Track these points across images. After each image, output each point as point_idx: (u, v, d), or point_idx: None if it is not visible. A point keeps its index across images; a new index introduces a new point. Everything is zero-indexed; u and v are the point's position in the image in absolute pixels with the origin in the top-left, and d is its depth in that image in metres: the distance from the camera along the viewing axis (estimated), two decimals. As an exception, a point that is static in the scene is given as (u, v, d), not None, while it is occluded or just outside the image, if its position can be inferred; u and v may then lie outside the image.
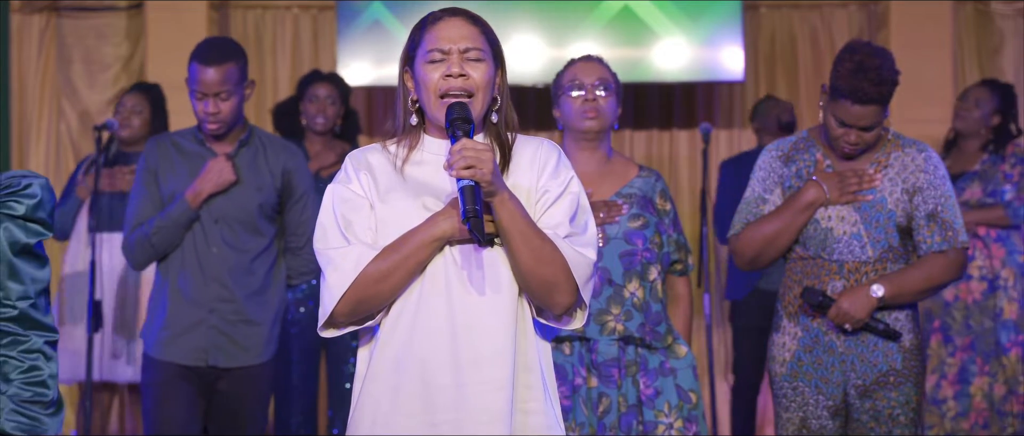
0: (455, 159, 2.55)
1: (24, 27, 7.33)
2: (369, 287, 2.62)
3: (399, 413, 2.63)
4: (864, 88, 3.79)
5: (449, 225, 2.62)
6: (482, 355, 2.61)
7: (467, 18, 2.72)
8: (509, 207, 2.60)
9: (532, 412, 2.66)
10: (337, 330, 2.71)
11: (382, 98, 7.46)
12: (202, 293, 4.28)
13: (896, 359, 3.92)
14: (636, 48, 7.02)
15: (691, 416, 3.93)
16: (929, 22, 7.13)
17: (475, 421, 2.60)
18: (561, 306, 2.66)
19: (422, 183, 2.69)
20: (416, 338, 2.63)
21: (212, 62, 4.22)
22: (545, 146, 2.76)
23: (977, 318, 5.84)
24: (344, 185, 2.72)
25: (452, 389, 2.61)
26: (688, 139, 7.47)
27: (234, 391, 4.32)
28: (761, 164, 4.07)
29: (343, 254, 2.65)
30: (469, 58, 2.68)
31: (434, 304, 2.63)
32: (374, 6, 7.00)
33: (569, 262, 2.63)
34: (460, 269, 2.63)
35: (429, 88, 2.68)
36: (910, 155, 3.96)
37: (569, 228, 2.67)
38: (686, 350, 3.97)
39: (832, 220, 3.94)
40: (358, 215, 2.68)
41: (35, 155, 7.34)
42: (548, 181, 2.71)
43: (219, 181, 4.27)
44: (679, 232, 4.02)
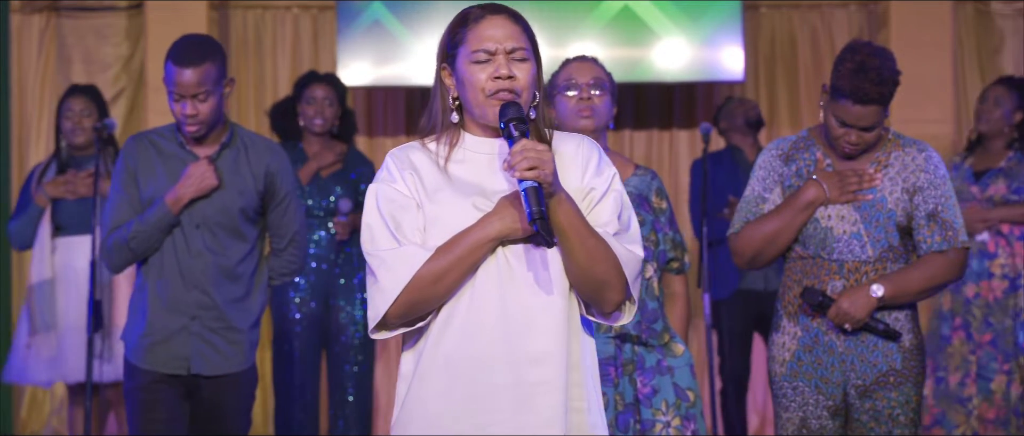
0: (517, 160, 2.53)
1: (24, 27, 7.33)
2: (424, 289, 2.59)
3: (451, 414, 2.61)
4: (865, 88, 3.79)
5: (502, 225, 2.60)
6: (537, 354, 2.60)
7: (510, 16, 2.70)
8: (566, 207, 2.60)
9: (581, 411, 2.65)
10: (389, 332, 2.67)
11: (382, 98, 7.46)
12: (183, 300, 4.18)
13: (896, 359, 3.92)
14: (636, 48, 7.02)
15: (689, 414, 3.93)
16: (929, 22, 7.13)
17: (532, 421, 2.59)
18: (612, 303, 2.65)
19: (468, 182, 2.68)
20: (469, 338, 2.61)
21: (189, 62, 4.09)
22: (586, 143, 2.75)
23: (998, 316, 5.83)
24: (389, 184, 2.69)
25: (508, 389, 2.59)
26: (688, 139, 7.47)
27: (216, 398, 4.24)
28: (761, 163, 4.07)
29: (396, 255, 2.61)
30: (515, 58, 2.67)
31: (487, 304, 2.61)
32: (374, 6, 7.00)
33: (620, 259, 2.63)
34: (513, 269, 2.62)
35: (475, 88, 2.66)
36: (910, 155, 3.96)
37: (617, 225, 2.67)
38: (683, 348, 3.97)
39: (832, 219, 3.94)
40: (406, 215, 2.66)
41: (35, 155, 7.34)
42: (593, 179, 2.70)
43: (201, 186, 4.15)
44: (675, 230, 4.02)
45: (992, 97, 5.99)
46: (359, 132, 7.39)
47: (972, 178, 5.94)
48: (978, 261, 5.83)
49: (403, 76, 7.07)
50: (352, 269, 5.94)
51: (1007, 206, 5.85)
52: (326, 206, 5.89)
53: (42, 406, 7.20)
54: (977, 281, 5.85)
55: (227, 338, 4.22)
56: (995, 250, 5.82)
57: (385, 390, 7.34)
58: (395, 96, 7.46)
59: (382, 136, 7.48)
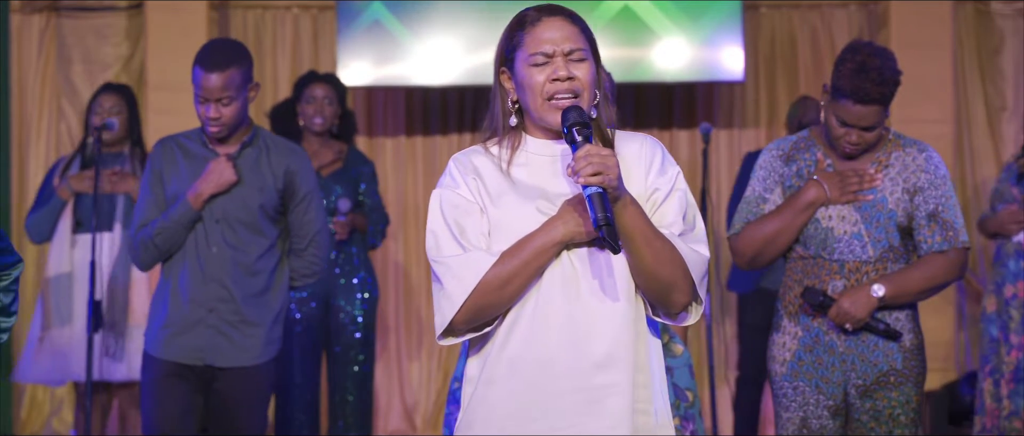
0: (581, 165, 2.52)
1: (24, 27, 7.32)
2: (490, 294, 2.59)
3: (517, 417, 2.61)
4: (866, 88, 3.79)
5: (567, 229, 2.60)
6: (603, 358, 2.60)
7: (567, 17, 2.69)
8: (632, 210, 2.59)
9: (648, 412, 2.65)
10: (456, 338, 2.66)
11: (382, 98, 7.46)
12: (201, 292, 4.29)
13: (897, 359, 3.92)
14: (636, 48, 7.02)
15: (688, 415, 3.93)
16: (929, 22, 7.13)
17: (598, 424, 2.59)
18: (679, 305, 2.65)
19: (531, 185, 2.67)
20: (535, 342, 2.61)
21: (215, 67, 4.20)
22: (648, 142, 2.74)
23: None
24: (452, 190, 2.69)
25: (574, 393, 2.59)
26: (688, 139, 7.47)
27: (231, 391, 4.32)
28: (761, 163, 4.07)
29: (461, 261, 2.61)
30: (573, 59, 2.65)
31: (553, 308, 2.61)
32: (374, 6, 7.00)
33: (686, 260, 2.62)
34: (577, 272, 2.61)
35: (535, 91, 2.65)
36: (911, 155, 3.96)
37: (682, 225, 2.66)
38: (682, 349, 3.97)
39: (833, 219, 3.94)
40: (470, 220, 2.66)
41: (35, 155, 7.34)
42: (656, 179, 2.69)
43: (220, 182, 4.27)
44: None
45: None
46: (359, 132, 7.39)
47: (1015, 180, 5.93)
48: (1015, 262, 5.82)
49: (403, 76, 7.07)
50: (352, 268, 5.94)
51: None
52: (326, 206, 5.89)
53: (42, 406, 7.20)
54: (1014, 282, 5.84)
55: (243, 331, 4.30)
56: None
57: (385, 390, 7.35)
58: (395, 96, 7.46)
59: (382, 136, 7.48)
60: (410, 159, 7.44)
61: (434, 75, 7.04)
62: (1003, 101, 7.36)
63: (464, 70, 6.94)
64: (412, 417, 7.35)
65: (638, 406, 2.63)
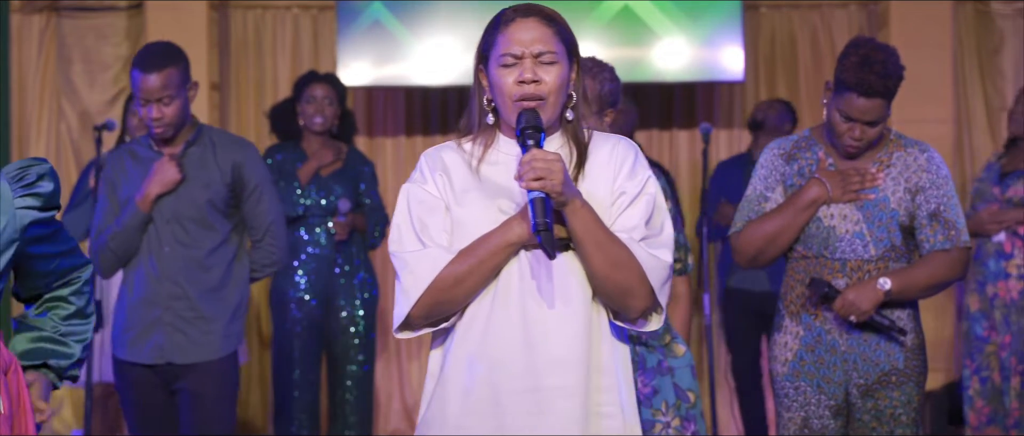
0: (524, 170, 2.54)
1: (24, 27, 7.32)
2: (445, 291, 2.61)
3: (470, 415, 2.63)
4: (870, 81, 3.79)
5: (523, 230, 2.60)
6: (555, 360, 2.60)
7: (541, 18, 2.68)
8: (582, 215, 2.59)
9: (606, 415, 2.65)
10: (412, 332, 2.68)
11: (382, 98, 7.46)
12: (156, 292, 4.36)
13: (898, 358, 3.92)
14: (636, 48, 7.02)
15: (689, 415, 3.92)
16: (929, 22, 7.13)
17: (548, 426, 2.60)
18: (636, 310, 2.65)
19: (497, 185, 2.68)
20: (489, 342, 2.62)
21: (152, 68, 4.26)
22: (622, 144, 2.74)
23: (1015, 316, 5.82)
24: (419, 185, 2.71)
25: (525, 394, 2.60)
26: (688, 139, 7.47)
27: (194, 389, 4.37)
28: (763, 162, 4.07)
29: (419, 257, 2.63)
30: (542, 61, 2.65)
31: (508, 309, 2.62)
32: (374, 6, 7.00)
33: (644, 266, 2.61)
34: (533, 275, 2.62)
35: (503, 92, 2.66)
36: (912, 155, 3.96)
37: (645, 230, 2.66)
38: (684, 349, 3.96)
39: (834, 219, 3.94)
40: (434, 217, 2.67)
41: (35, 155, 7.34)
42: (624, 182, 2.69)
43: (164, 181, 4.33)
44: (679, 231, 4.00)
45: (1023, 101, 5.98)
46: (359, 132, 7.38)
47: (997, 179, 5.93)
48: (995, 261, 5.82)
49: (403, 76, 7.07)
50: (352, 268, 5.94)
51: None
52: (326, 205, 5.89)
53: (42, 406, 7.19)
54: (994, 281, 5.84)
55: (200, 328, 4.37)
56: (1011, 251, 5.82)
57: (385, 390, 7.34)
58: (395, 96, 7.45)
59: (382, 136, 7.48)
60: (410, 159, 7.44)
61: (434, 75, 7.04)
62: (1003, 101, 7.36)
63: (464, 70, 6.90)
64: (412, 417, 7.35)
65: (600, 409, 2.64)
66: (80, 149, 7.26)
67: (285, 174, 5.87)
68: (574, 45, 2.71)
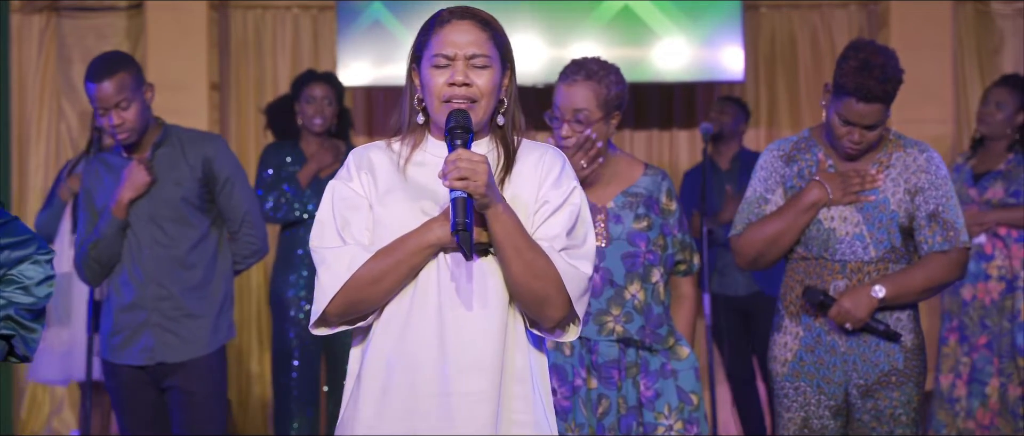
0: (449, 169, 2.53)
1: (24, 27, 7.32)
2: (361, 289, 2.61)
3: (384, 417, 2.62)
4: (869, 86, 3.79)
5: (443, 232, 2.60)
6: (469, 365, 2.59)
7: (476, 22, 2.68)
8: (503, 219, 2.58)
9: (520, 424, 2.64)
10: (329, 328, 2.68)
11: (382, 98, 7.46)
12: (141, 295, 4.39)
13: (898, 359, 3.92)
14: (636, 48, 7.01)
15: (692, 418, 3.92)
16: (929, 22, 7.13)
17: (458, 431, 2.59)
18: (552, 320, 2.63)
19: (422, 186, 2.67)
20: (406, 344, 2.61)
21: (103, 76, 4.30)
22: (550, 154, 2.72)
23: (994, 318, 5.82)
24: (345, 183, 2.70)
25: (438, 398, 2.59)
26: (688, 139, 7.46)
27: (186, 385, 4.40)
28: (762, 164, 4.07)
29: (337, 254, 2.63)
30: (474, 65, 2.65)
31: (425, 311, 2.61)
32: (374, 6, 7.00)
33: (562, 276, 2.60)
34: (451, 277, 2.61)
35: (433, 92, 2.66)
36: (912, 155, 3.96)
37: (566, 241, 2.64)
38: (688, 352, 3.95)
39: (834, 220, 3.94)
40: (356, 215, 2.66)
41: (35, 155, 7.34)
42: (549, 191, 2.68)
43: (136, 185, 4.36)
44: (684, 232, 3.99)
45: (993, 100, 5.96)
46: (359, 132, 7.39)
47: (971, 180, 5.92)
48: (975, 263, 5.81)
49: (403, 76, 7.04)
50: None
51: (1004, 209, 5.83)
52: None
53: (42, 406, 7.20)
54: (974, 283, 5.84)
55: (187, 325, 4.41)
56: (992, 252, 5.81)
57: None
58: (395, 96, 7.44)
59: (382, 136, 7.44)
60: (410, 159, 7.43)
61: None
62: (1003, 101, 7.35)
63: (464, 70, 6.93)
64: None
65: (514, 417, 2.62)
66: (80, 149, 7.24)
67: (285, 177, 5.87)
68: (509, 50, 2.71)
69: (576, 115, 3.87)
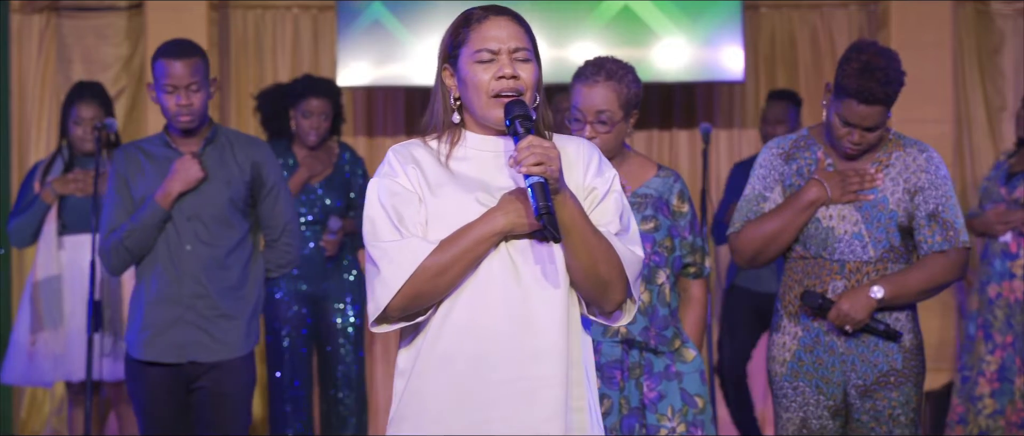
0: (524, 155, 2.54)
1: (24, 27, 7.32)
2: (427, 281, 2.59)
3: (451, 410, 2.61)
4: (871, 88, 3.79)
5: (507, 220, 2.61)
6: (539, 351, 2.60)
7: (512, 17, 2.71)
8: (570, 205, 2.60)
9: (581, 410, 2.65)
10: (389, 325, 2.66)
11: (382, 98, 7.46)
12: (177, 291, 4.35)
13: (897, 359, 3.92)
14: (636, 48, 7.01)
15: (696, 421, 3.90)
16: (929, 22, 7.12)
17: (532, 418, 2.59)
18: (614, 303, 2.67)
19: (471, 178, 2.68)
20: (470, 333, 2.61)
21: (181, 55, 4.32)
22: (585, 145, 2.76)
23: (1019, 317, 5.81)
24: (391, 178, 2.69)
25: (509, 385, 2.59)
26: (688, 139, 7.46)
27: (215, 386, 4.38)
28: (761, 162, 4.07)
29: (399, 247, 2.61)
30: (518, 58, 2.67)
31: (489, 300, 2.61)
32: (374, 6, 7.00)
33: (622, 259, 2.64)
34: (515, 265, 2.62)
35: (479, 88, 2.67)
36: (911, 155, 3.96)
37: (618, 225, 2.68)
38: (694, 354, 3.93)
39: (833, 219, 3.94)
40: (408, 208, 2.66)
41: (35, 155, 7.33)
42: (594, 179, 2.71)
43: (187, 179, 4.33)
44: (696, 234, 3.96)
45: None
46: (359, 132, 7.40)
47: (1004, 179, 5.91)
48: (1000, 261, 5.81)
49: (403, 76, 7.07)
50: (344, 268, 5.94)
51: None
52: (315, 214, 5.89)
53: (42, 406, 7.20)
54: (999, 281, 5.83)
55: (221, 326, 4.37)
56: (1017, 251, 5.80)
57: (385, 392, 7.34)
58: (395, 96, 7.45)
59: (382, 136, 7.48)
60: (410, 159, 7.43)
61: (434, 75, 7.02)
62: (1003, 101, 7.36)
63: (464, 70, 6.93)
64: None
65: (572, 403, 2.63)
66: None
67: None
68: (537, 47, 2.74)
69: (599, 116, 3.85)
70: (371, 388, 7.28)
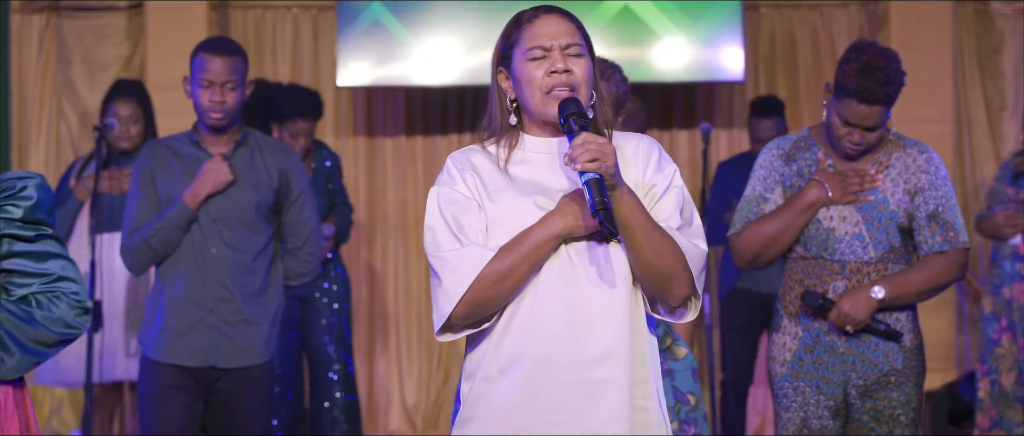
0: (578, 152, 2.53)
1: (24, 27, 7.33)
2: (489, 288, 2.59)
3: (516, 413, 2.61)
4: (871, 88, 3.79)
5: (565, 222, 2.60)
6: (602, 352, 2.60)
7: (563, 14, 2.71)
8: (629, 201, 2.59)
9: (646, 409, 2.65)
10: (454, 334, 2.66)
11: (382, 98, 7.46)
12: (201, 293, 4.30)
13: (897, 359, 3.92)
14: (636, 48, 7.01)
15: (689, 418, 3.91)
16: (929, 22, 7.13)
17: (598, 419, 2.59)
18: (678, 298, 2.65)
19: (529, 182, 2.68)
20: (533, 337, 2.61)
21: (221, 52, 4.29)
22: (645, 141, 2.75)
23: None
24: (450, 187, 2.69)
25: (573, 387, 2.59)
26: (688, 139, 7.47)
27: (233, 392, 4.33)
28: (762, 163, 4.07)
29: (459, 255, 2.61)
30: (570, 54, 2.67)
31: (551, 302, 2.61)
32: (374, 6, 7.00)
33: (685, 253, 2.62)
34: (576, 266, 2.62)
35: (533, 85, 2.66)
36: (912, 155, 3.96)
37: (680, 220, 2.67)
38: (686, 352, 3.95)
39: (834, 220, 3.94)
40: (468, 216, 2.66)
41: (35, 155, 7.34)
42: (654, 175, 2.70)
43: (217, 181, 4.30)
44: None
45: None
46: (359, 132, 7.40)
47: (1010, 179, 5.90)
48: (1011, 264, 5.81)
49: (403, 76, 7.07)
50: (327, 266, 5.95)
51: None
52: None
53: (42, 406, 7.20)
54: (1010, 284, 5.82)
55: (244, 331, 4.33)
56: None
57: (384, 390, 7.34)
58: (395, 96, 7.45)
59: (382, 136, 7.48)
60: (410, 159, 7.44)
61: (434, 75, 7.03)
62: (1003, 101, 7.36)
63: (464, 70, 6.94)
64: (412, 417, 7.35)
65: (637, 402, 2.63)
66: (80, 149, 7.25)
67: None
68: (591, 43, 2.73)
69: None
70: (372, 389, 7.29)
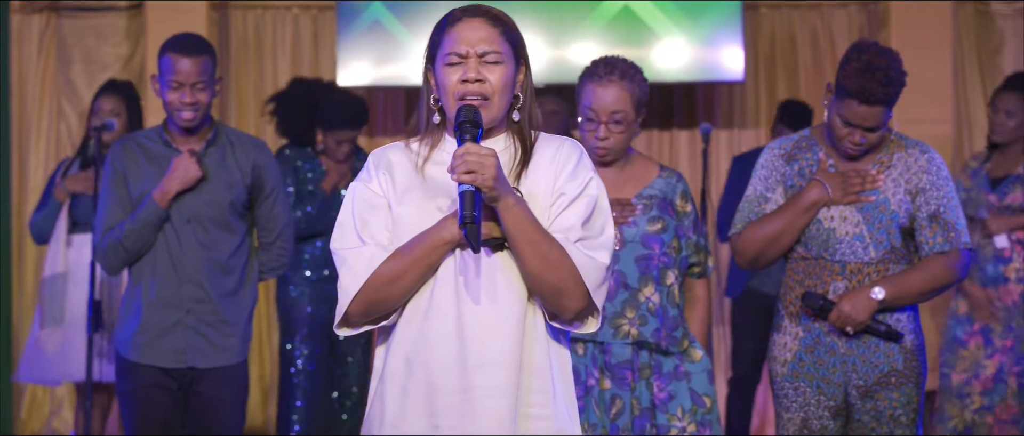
0: (457, 163, 2.54)
1: (24, 27, 7.33)
2: (380, 289, 2.62)
3: (407, 415, 2.64)
4: (871, 88, 3.79)
5: (457, 228, 2.60)
6: (486, 360, 2.60)
7: (487, 18, 2.70)
8: (514, 212, 2.59)
9: (538, 417, 2.64)
10: (351, 329, 2.70)
11: (382, 98, 7.47)
12: (177, 294, 4.28)
13: (898, 360, 3.92)
14: (636, 48, 7.01)
15: (705, 420, 3.90)
16: (929, 22, 7.13)
17: (478, 426, 2.60)
18: (571, 311, 2.64)
19: (440, 184, 2.68)
20: (425, 340, 2.63)
21: (190, 52, 4.24)
22: (567, 146, 2.73)
23: (1018, 320, 5.79)
24: (364, 184, 2.72)
25: (456, 393, 2.61)
26: (688, 139, 7.47)
27: (211, 392, 4.32)
28: (763, 163, 4.07)
29: (356, 255, 2.65)
30: (487, 61, 2.66)
31: (443, 307, 2.62)
32: (374, 6, 7.01)
33: (578, 267, 2.60)
34: (469, 273, 2.63)
35: (448, 91, 2.67)
36: (913, 156, 3.96)
37: (582, 231, 2.65)
38: (702, 354, 3.93)
39: (834, 220, 3.94)
40: (375, 215, 2.68)
41: (35, 155, 7.34)
42: (565, 183, 2.68)
43: (185, 178, 4.26)
44: (700, 234, 3.97)
45: (1002, 108, 5.86)
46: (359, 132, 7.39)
47: (988, 186, 5.88)
48: (993, 266, 5.79)
49: (403, 76, 7.07)
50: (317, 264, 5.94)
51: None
52: None
53: (42, 406, 7.20)
54: (994, 286, 5.81)
55: (221, 331, 4.32)
56: (1011, 255, 5.79)
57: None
58: (395, 96, 7.46)
59: (382, 136, 7.48)
60: (410, 159, 7.43)
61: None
62: (1003, 101, 7.35)
63: (464, 70, 6.93)
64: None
65: (533, 411, 2.63)
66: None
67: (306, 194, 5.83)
68: (522, 46, 2.73)
69: (613, 116, 3.85)
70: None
